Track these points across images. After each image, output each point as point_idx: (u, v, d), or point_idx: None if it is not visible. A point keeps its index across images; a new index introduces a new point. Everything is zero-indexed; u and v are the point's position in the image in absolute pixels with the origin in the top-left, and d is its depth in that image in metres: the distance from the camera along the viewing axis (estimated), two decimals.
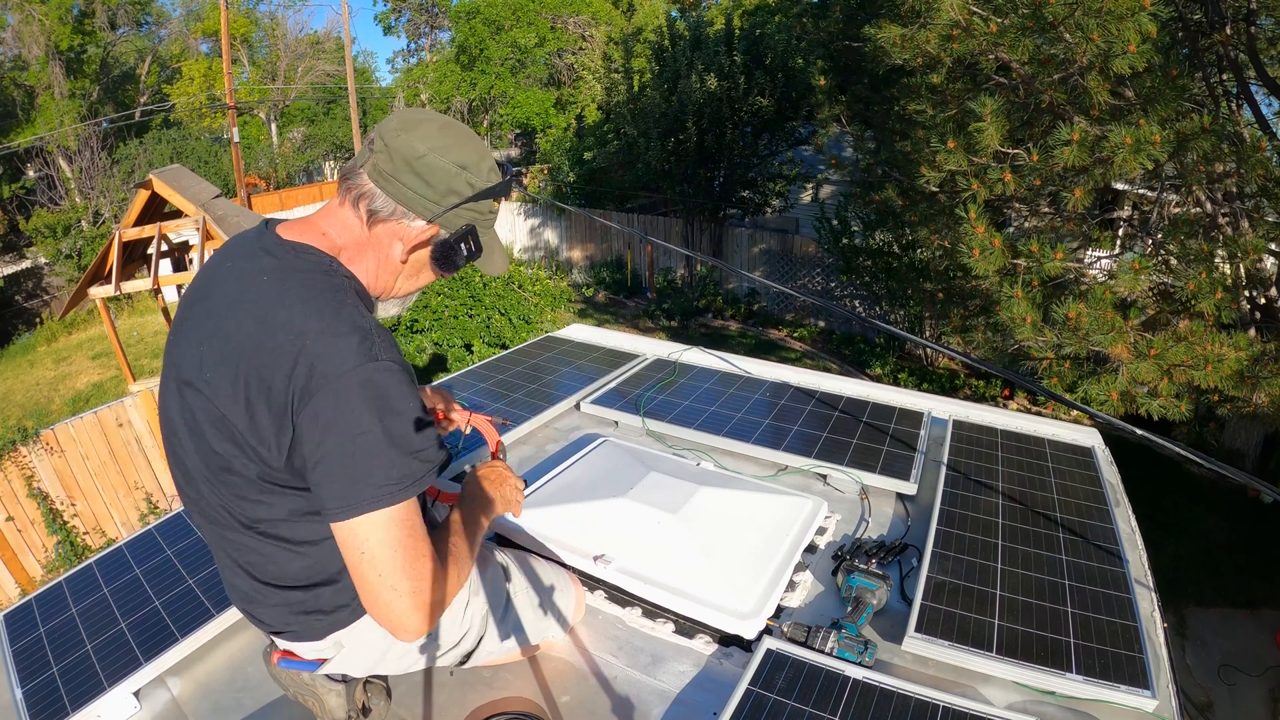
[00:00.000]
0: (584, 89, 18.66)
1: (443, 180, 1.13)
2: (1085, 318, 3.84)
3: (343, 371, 0.99)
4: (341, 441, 0.99)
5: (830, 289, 11.71)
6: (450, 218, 1.16)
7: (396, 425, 1.01)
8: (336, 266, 1.12)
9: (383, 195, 1.12)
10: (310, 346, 0.99)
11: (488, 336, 7.23)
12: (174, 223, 7.91)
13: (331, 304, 1.05)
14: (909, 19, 4.62)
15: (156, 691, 1.47)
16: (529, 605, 1.44)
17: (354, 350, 1.00)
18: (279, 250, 1.11)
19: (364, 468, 0.99)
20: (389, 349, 1.05)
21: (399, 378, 1.04)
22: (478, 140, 1.20)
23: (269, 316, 1.03)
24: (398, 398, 1.03)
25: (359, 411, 0.99)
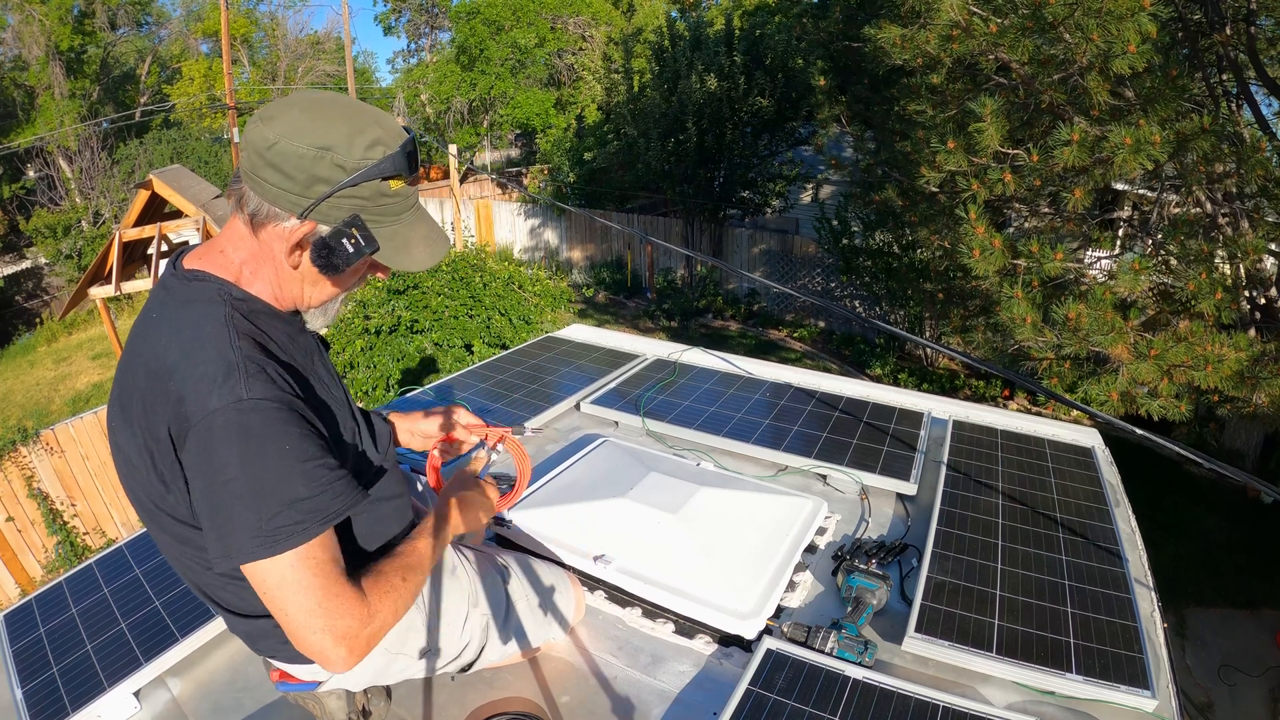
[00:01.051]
0: (584, 89, 18.66)
1: (300, 168, 0.97)
2: (1085, 318, 3.84)
3: (205, 413, 0.91)
4: (208, 489, 0.92)
5: (830, 289, 11.71)
6: (325, 210, 1.00)
7: (262, 471, 0.91)
8: (227, 290, 1.03)
9: (254, 196, 1.00)
10: (176, 388, 0.93)
11: (488, 337, 7.23)
12: (174, 223, 7.92)
13: (202, 336, 0.96)
14: (909, 19, 4.62)
15: (156, 691, 1.47)
16: (529, 609, 1.44)
17: (216, 389, 0.92)
18: (173, 282, 1.05)
19: (229, 517, 0.91)
20: (260, 384, 0.94)
21: (270, 417, 0.93)
22: (356, 113, 1.02)
23: (153, 359, 0.97)
24: (263, 439, 0.92)
25: (220, 456, 0.91)
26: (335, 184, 0.99)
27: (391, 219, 1.05)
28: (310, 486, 0.94)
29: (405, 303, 6.88)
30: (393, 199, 1.04)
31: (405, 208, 1.07)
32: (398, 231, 1.06)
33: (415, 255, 1.08)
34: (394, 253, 1.06)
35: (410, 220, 1.08)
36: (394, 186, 1.03)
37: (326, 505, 0.95)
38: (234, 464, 0.90)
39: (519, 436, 1.48)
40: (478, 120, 22.14)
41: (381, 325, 6.79)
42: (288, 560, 0.92)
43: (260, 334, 1.03)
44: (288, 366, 1.03)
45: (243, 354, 0.95)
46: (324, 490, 0.95)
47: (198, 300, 1.01)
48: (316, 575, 0.94)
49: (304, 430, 0.97)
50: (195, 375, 0.93)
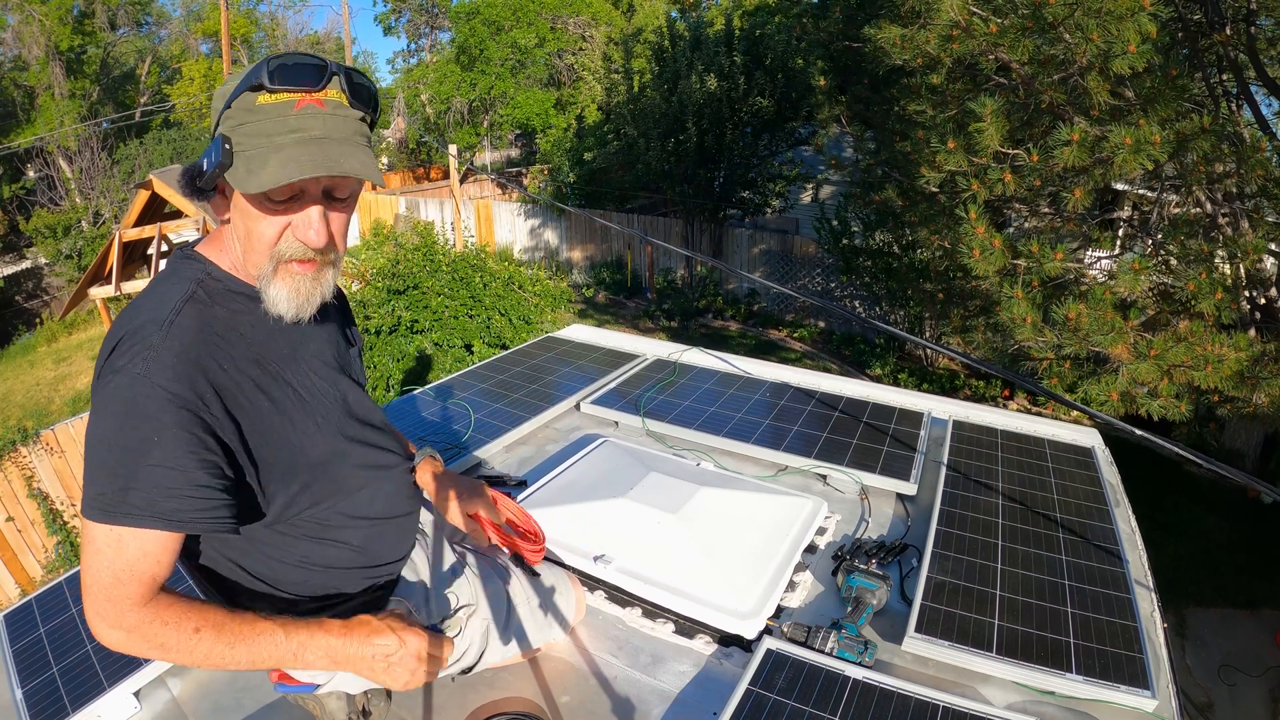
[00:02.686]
0: (584, 89, 18.66)
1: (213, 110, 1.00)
2: (1085, 318, 3.84)
3: (114, 368, 0.94)
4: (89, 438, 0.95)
5: (830, 289, 11.70)
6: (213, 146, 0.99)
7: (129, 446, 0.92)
8: (206, 268, 1.05)
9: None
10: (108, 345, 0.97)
11: (488, 337, 7.23)
12: (174, 223, 7.92)
13: (154, 305, 0.98)
14: (909, 19, 4.62)
15: (156, 691, 1.47)
16: (530, 611, 1.43)
17: (130, 351, 0.94)
18: (173, 258, 1.08)
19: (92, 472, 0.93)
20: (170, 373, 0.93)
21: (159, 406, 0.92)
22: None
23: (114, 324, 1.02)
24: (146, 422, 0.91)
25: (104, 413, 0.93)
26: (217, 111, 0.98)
27: (260, 140, 0.95)
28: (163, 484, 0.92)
29: (405, 303, 6.88)
30: (256, 118, 0.96)
31: (281, 130, 0.95)
32: (260, 153, 0.95)
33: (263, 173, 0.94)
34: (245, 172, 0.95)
35: (285, 143, 0.95)
36: (260, 101, 0.96)
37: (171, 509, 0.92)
38: (111, 427, 0.92)
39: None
40: (478, 120, 22.14)
41: (381, 325, 6.78)
42: (108, 533, 0.93)
43: (222, 319, 1.01)
44: (237, 361, 1.00)
45: (170, 333, 0.95)
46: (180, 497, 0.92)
47: (173, 276, 1.02)
48: (123, 559, 0.93)
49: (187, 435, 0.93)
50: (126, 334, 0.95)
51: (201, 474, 0.94)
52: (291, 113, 0.96)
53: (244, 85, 0.96)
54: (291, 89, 0.96)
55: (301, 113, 0.96)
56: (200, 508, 0.95)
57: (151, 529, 0.93)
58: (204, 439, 0.95)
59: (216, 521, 0.96)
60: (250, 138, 0.96)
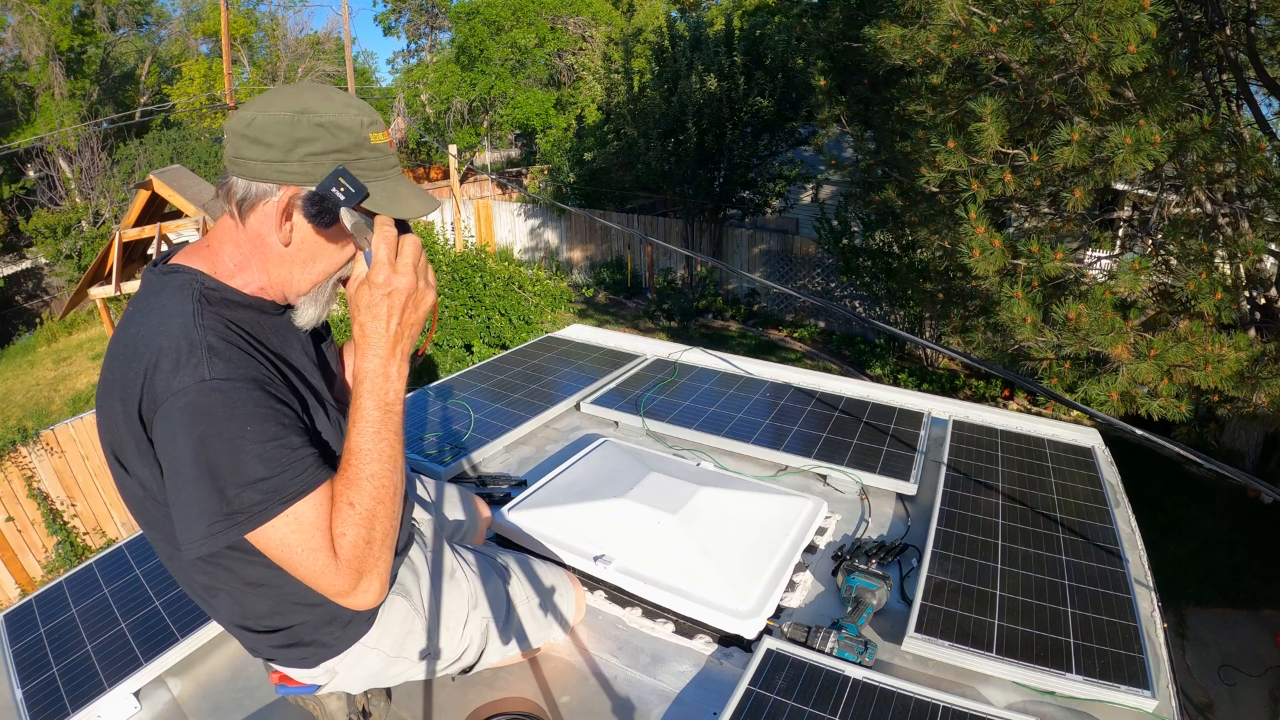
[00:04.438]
0: (584, 89, 18.66)
1: (280, 134, 0.99)
2: (1085, 318, 3.84)
3: (170, 392, 0.90)
4: (174, 470, 0.91)
5: (830, 289, 11.70)
6: (308, 171, 1.00)
7: (223, 455, 0.90)
8: (199, 280, 1.02)
9: (241, 182, 1.02)
10: (143, 367, 0.93)
11: (488, 337, 7.23)
12: (174, 223, 7.92)
13: (168, 318, 0.96)
14: (909, 19, 4.62)
15: (157, 691, 1.47)
16: (530, 610, 1.43)
17: (180, 367, 0.91)
18: (151, 277, 1.05)
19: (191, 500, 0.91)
20: (223, 363, 0.93)
21: (232, 397, 0.92)
22: (320, 85, 1.06)
23: (124, 349, 0.97)
24: (228, 421, 0.91)
25: (182, 438, 0.90)
26: (316, 142, 1.00)
27: (379, 174, 1.05)
28: (270, 467, 0.92)
29: None
30: (374, 153, 1.05)
31: (387, 165, 1.07)
32: (385, 185, 1.06)
33: (409, 202, 1.06)
34: (388, 202, 1.04)
35: (394, 177, 1.08)
36: (374, 140, 1.05)
37: (287, 484, 0.93)
38: (195, 446, 0.90)
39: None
40: (478, 120, 22.14)
41: None
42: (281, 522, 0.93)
43: (228, 319, 1.02)
44: (255, 351, 1.01)
45: (206, 332, 0.95)
46: (282, 470, 0.93)
47: (167, 289, 1.01)
48: (317, 534, 0.95)
49: (266, 409, 0.95)
50: (161, 354, 0.92)
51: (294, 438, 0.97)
52: (389, 151, 1.08)
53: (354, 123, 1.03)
54: (381, 130, 1.07)
55: (392, 150, 1.10)
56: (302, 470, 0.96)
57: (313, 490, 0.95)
58: (279, 408, 0.97)
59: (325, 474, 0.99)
60: (372, 170, 1.05)
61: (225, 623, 1.14)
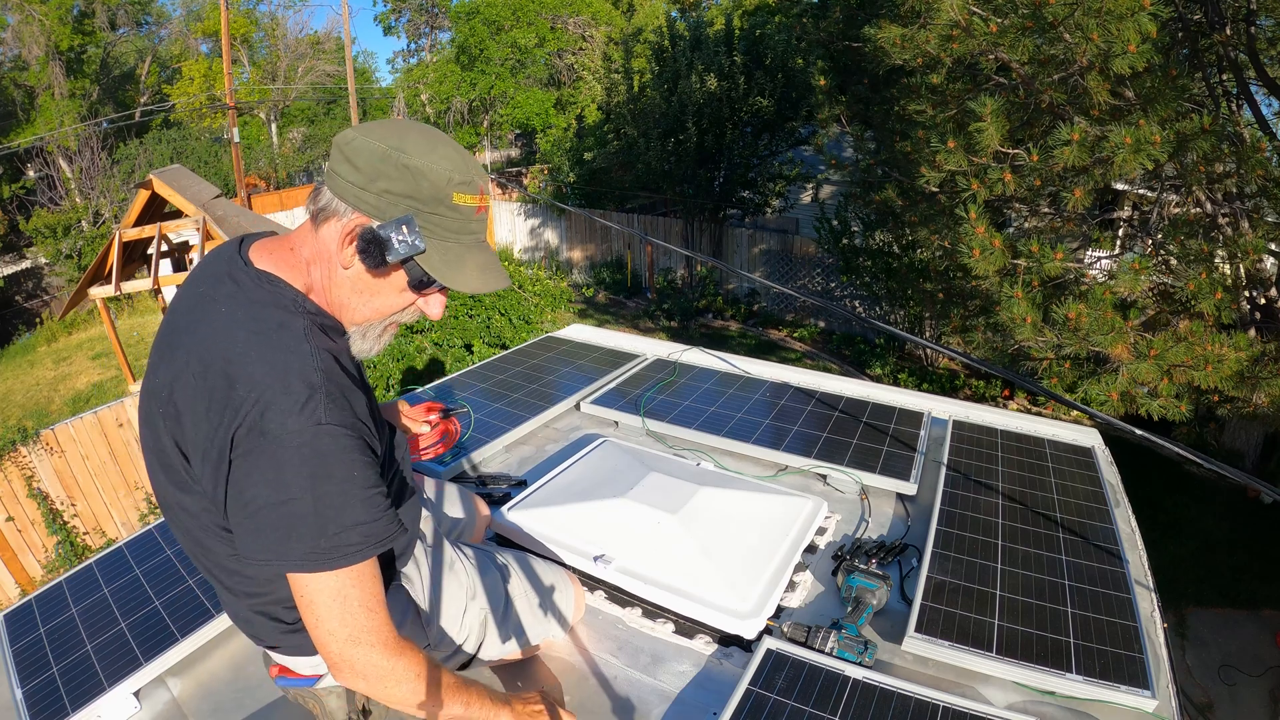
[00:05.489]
0: (584, 89, 18.66)
1: (369, 162, 0.99)
2: (1085, 318, 3.84)
3: (284, 431, 0.92)
4: (265, 503, 0.93)
5: (830, 289, 11.70)
6: (383, 206, 1.00)
7: (330, 495, 0.94)
8: (301, 303, 1.04)
9: (326, 191, 1.03)
10: (257, 398, 0.93)
11: (488, 336, 7.23)
12: (174, 223, 7.91)
13: (283, 350, 0.97)
14: (909, 19, 4.62)
15: (156, 691, 1.47)
16: (529, 607, 1.44)
17: (298, 409, 0.93)
18: (243, 278, 1.04)
19: (289, 532, 0.94)
20: (337, 409, 0.96)
21: (344, 444, 0.96)
22: (437, 133, 1.05)
23: (219, 356, 0.96)
24: (338, 465, 0.95)
25: (291, 474, 0.93)
26: (397, 180, 0.99)
27: (449, 235, 1.04)
28: (370, 512, 0.98)
29: None
30: (453, 214, 1.03)
31: (465, 230, 1.05)
32: (451, 248, 1.04)
33: (467, 274, 1.05)
34: (444, 266, 1.03)
35: (469, 244, 1.06)
36: (457, 200, 1.03)
37: (381, 531, 0.99)
38: (304, 484, 0.93)
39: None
40: (478, 120, 22.14)
41: None
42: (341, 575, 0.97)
43: (334, 351, 1.04)
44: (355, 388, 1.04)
45: (324, 376, 0.97)
46: (380, 516, 0.99)
47: (272, 306, 1.01)
48: (366, 596, 0.99)
49: (368, 459, 1.00)
50: (278, 391, 0.93)
51: (386, 488, 1.03)
52: (474, 217, 1.06)
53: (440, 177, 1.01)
54: (475, 194, 1.05)
55: (479, 218, 1.07)
56: (393, 519, 1.02)
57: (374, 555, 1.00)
58: (374, 459, 1.02)
59: (400, 524, 1.04)
60: (442, 229, 1.03)
61: (237, 605, 1.15)
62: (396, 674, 1.01)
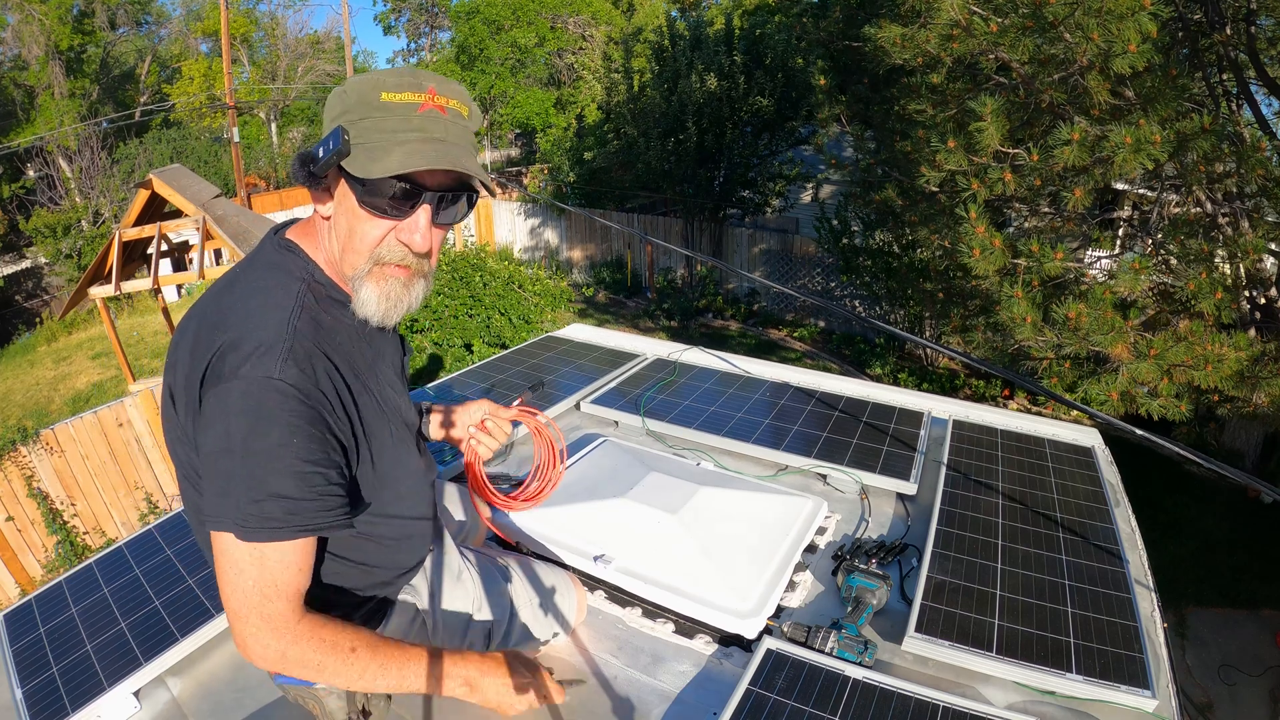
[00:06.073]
0: (584, 89, 18.66)
1: (328, 107, 1.01)
2: (1085, 318, 3.84)
3: (234, 375, 0.89)
4: (210, 450, 0.91)
5: (830, 289, 11.71)
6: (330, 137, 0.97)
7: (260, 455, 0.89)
8: (310, 271, 1.04)
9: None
10: (223, 340, 0.92)
11: (488, 336, 7.23)
12: (174, 222, 7.92)
13: (268, 304, 0.96)
14: (909, 19, 4.62)
15: (156, 691, 1.47)
16: (532, 614, 1.43)
17: (254, 356, 0.90)
18: (267, 245, 1.08)
19: (220, 486, 0.90)
20: (295, 369, 0.91)
21: (290, 405, 0.90)
22: (401, 67, 1.05)
23: (216, 311, 0.98)
24: (276, 425, 0.89)
25: (229, 423, 0.89)
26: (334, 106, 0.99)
27: (384, 135, 0.96)
28: (300, 489, 0.91)
29: None
30: (384, 114, 0.96)
31: (405, 128, 0.97)
32: (382, 144, 0.96)
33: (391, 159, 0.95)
34: (365, 158, 0.95)
35: (406, 139, 0.97)
36: (385, 99, 0.96)
37: (309, 515, 0.92)
38: (238, 436, 0.89)
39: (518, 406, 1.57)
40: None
41: None
42: (250, 548, 0.91)
43: (327, 325, 1.01)
44: (340, 367, 1.00)
45: (294, 334, 0.94)
46: (314, 499, 0.92)
47: (280, 269, 1.02)
48: (267, 575, 0.92)
49: (317, 432, 0.93)
50: (244, 336, 0.92)
51: (332, 472, 0.95)
52: (415, 113, 0.97)
53: (368, 83, 0.97)
54: (416, 91, 0.98)
55: (425, 115, 0.98)
56: (331, 507, 0.94)
57: (294, 539, 0.92)
58: (329, 439, 0.96)
59: (344, 521, 0.97)
60: (372, 132, 0.96)
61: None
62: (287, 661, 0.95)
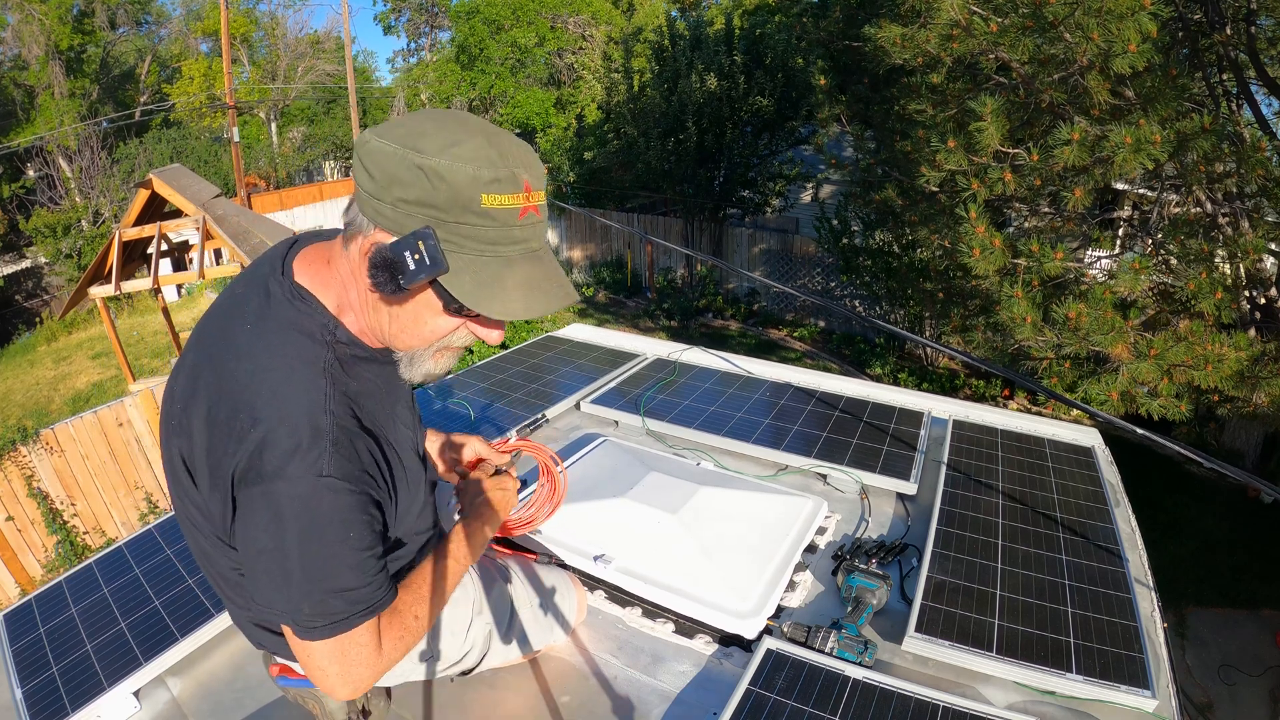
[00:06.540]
0: (584, 89, 18.67)
1: (382, 166, 0.85)
2: (1085, 318, 3.84)
3: (281, 475, 0.85)
4: (265, 549, 0.88)
5: (830, 289, 11.70)
6: (398, 219, 0.85)
7: (319, 556, 0.87)
8: (331, 330, 0.95)
9: (353, 205, 0.91)
10: (258, 435, 0.86)
11: None
12: (174, 222, 7.92)
13: (295, 384, 0.89)
14: (909, 19, 4.62)
15: (156, 691, 1.47)
16: (532, 614, 1.43)
17: (299, 454, 0.85)
18: (277, 290, 0.95)
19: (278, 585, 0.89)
20: (342, 459, 0.88)
21: (343, 501, 0.88)
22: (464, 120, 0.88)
23: (230, 380, 0.90)
24: (332, 525, 0.88)
25: (284, 525, 0.86)
26: (411, 185, 0.83)
27: (484, 248, 0.87)
28: (360, 577, 0.91)
29: None
30: (485, 222, 0.86)
31: (507, 240, 0.87)
32: (488, 264, 0.87)
33: (507, 297, 0.87)
34: (476, 288, 0.86)
35: (512, 256, 0.88)
36: (488, 204, 0.85)
37: (370, 598, 0.93)
38: (293, 539, 0.87)
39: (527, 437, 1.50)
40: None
41: None
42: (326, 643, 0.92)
43: (355, 392, 0.95)
44: (374, 432, 0.97)
45: (334, 420, 0.88)
46: (371, 582, 0.93)
47: (297, 331, 0.92)
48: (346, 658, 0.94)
49: (368, 516, 0.93)
50: (278, 429, 0.86)
51: (379, 548, 0.95)
52: (517, 221, 0.88)
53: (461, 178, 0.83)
54: (515, 192, 0.87)
55: (525, 222, 0.89)
56: (384, 582, 0.96)
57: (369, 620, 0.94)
58: (375, 514, 0.94)
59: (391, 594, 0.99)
60: (469, 242, 0.86)
61: (240, 614, 1.13)
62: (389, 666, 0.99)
